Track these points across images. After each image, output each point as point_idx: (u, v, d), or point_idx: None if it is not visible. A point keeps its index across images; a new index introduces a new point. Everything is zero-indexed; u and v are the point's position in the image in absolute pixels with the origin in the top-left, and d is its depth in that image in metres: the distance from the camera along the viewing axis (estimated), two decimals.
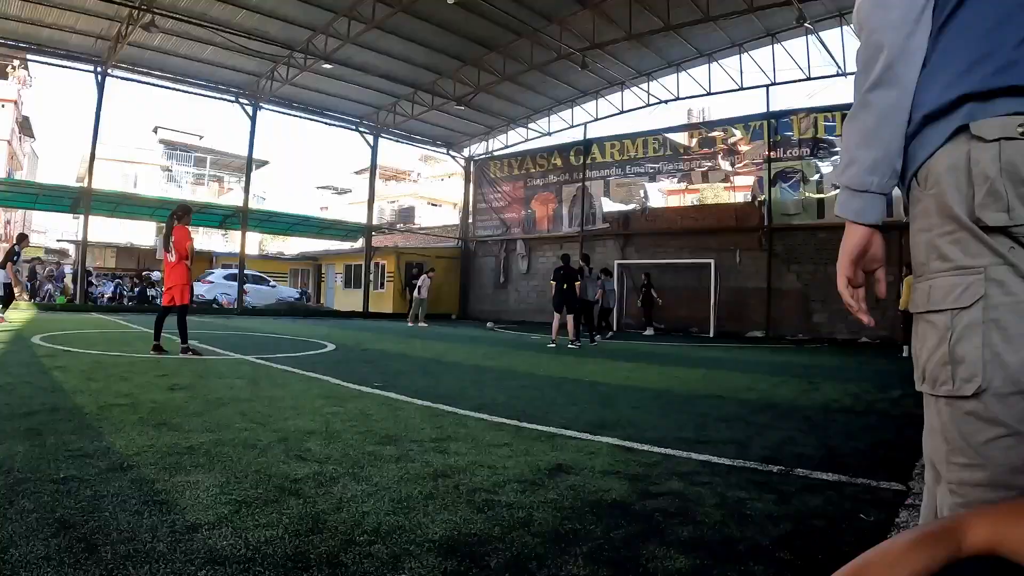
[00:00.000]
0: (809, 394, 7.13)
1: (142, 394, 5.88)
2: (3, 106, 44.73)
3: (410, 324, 23.72)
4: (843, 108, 22.58)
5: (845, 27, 21.56)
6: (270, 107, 29.79)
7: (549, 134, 33.34)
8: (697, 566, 2.41)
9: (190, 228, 10.38)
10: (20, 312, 21.27)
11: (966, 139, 1.21)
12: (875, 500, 3.38)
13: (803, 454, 4.43)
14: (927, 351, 1.26)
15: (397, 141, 35.78)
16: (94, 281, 30.90)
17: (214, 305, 31.18)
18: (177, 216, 10.15)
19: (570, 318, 15.96)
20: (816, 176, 23.36)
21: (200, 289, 32.21)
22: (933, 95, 1.28)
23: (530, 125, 33.62)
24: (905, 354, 14.34)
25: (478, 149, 36.86)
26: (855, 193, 1.40)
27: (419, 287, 24.59)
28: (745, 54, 24.83)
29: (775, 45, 23.89)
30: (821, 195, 22.90)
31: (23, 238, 16.67)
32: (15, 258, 16.15)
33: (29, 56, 28.56)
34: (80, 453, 3.68)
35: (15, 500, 2.82)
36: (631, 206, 29.10)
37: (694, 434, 5.01)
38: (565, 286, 15.95)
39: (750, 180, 26.07)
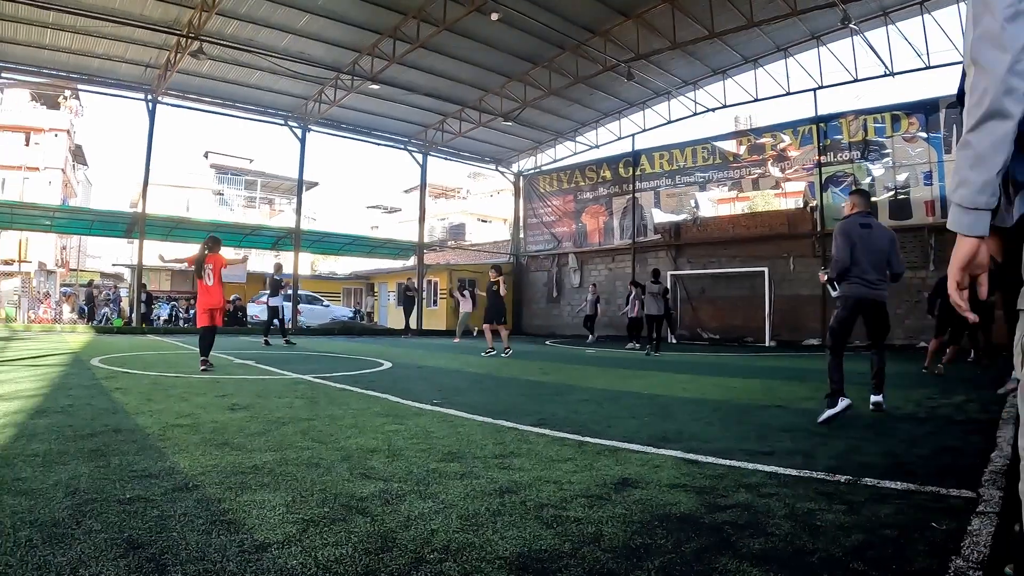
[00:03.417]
0: (869, 400, 7.02)
1: (203, 414, 5.96)
2: (56, 136, 46.14)
3: (456, 341, 23.62)
4: (892, 109, 22.27)
5: (890, 26, 21.26)
6: (319, 129, 30.29)
7: (597, 147, 33.32)
8: None
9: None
10: (78, 335, 21.78)
11: None
12: (946, 508, 3.32)
13: (869, 463, 4.37)
14: None
15: (446, 159, 36.07)
16: (151, 304, 31.45)
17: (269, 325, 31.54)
18: (208, 247, 10.98)
19: (500, 327, 16.58)
20: (868, 179, 22.95)
21: (254, 310, 32.70)
22: None
23: (578, 138, 33.65)
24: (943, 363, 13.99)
25: (527, 164, 36.98)
26: (966, 210, 1.60)
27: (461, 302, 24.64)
28: (791, 58, 24.62)
29: (820, 48, 23.65)
30: (874, 199, 22.51)
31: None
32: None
33: (80, 86, 29.56)
34: (145, 473, 3.74)
35: (82, 520, 2.86)
36: (682, 216, 28.92)
37: (758, 445, 4.97)
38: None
39: (801, 186, 25.73)
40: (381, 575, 2.40)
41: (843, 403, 6.11)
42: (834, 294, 7.03)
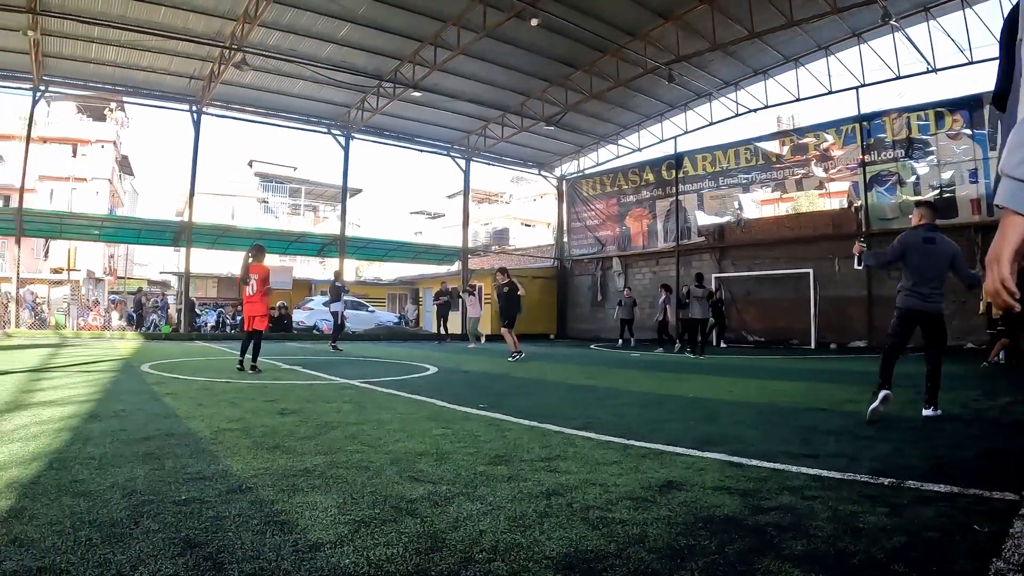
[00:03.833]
0: (915, 404, 6.97)
1: (253, 419, 6.09)
2: (103, 147, 47.13)
3: (472, 346, 23.34)
4: (935, 106, 21.88)
5: (932, 22, 20.92)
6: (362, 136, 30.68)
7: (639, 150, 33.24)
8: None
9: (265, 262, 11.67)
10: (127, 342, 22.17)
11: None
12: (988, 511, 3.32)
13: (913, 465, 4.37)
14: None
15: (488, 164, 36.30)
16: (198, 311, 31.94)
17: (314, 331, 31.83)
18: (252, 255, 11.34)
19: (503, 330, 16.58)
20: (913, 178, 22.62)
21: (300, 316, 33.03)
22: None
23: (620, 142, 33.63)
24: (997, 359, 13.77)
25: (569, 168, 36.93)
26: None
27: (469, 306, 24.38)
28: (832, 56, 24.37)
29: (861, 45, 23.37)
30: (919, 197, 22.20)
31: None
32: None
33: (126, 99, 30.22)
34: (199, 476, 3.84)
35: (140, 521, 2.96)
36: (725, 218, 28.72)
37: (801, 448, 4.97)
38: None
39: (845, 186, 25.40)
40: (431, 574, 2.46)
41: (881, 394, 6.15)
42: (857, 266, 7.14)
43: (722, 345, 24.77)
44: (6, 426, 5.37)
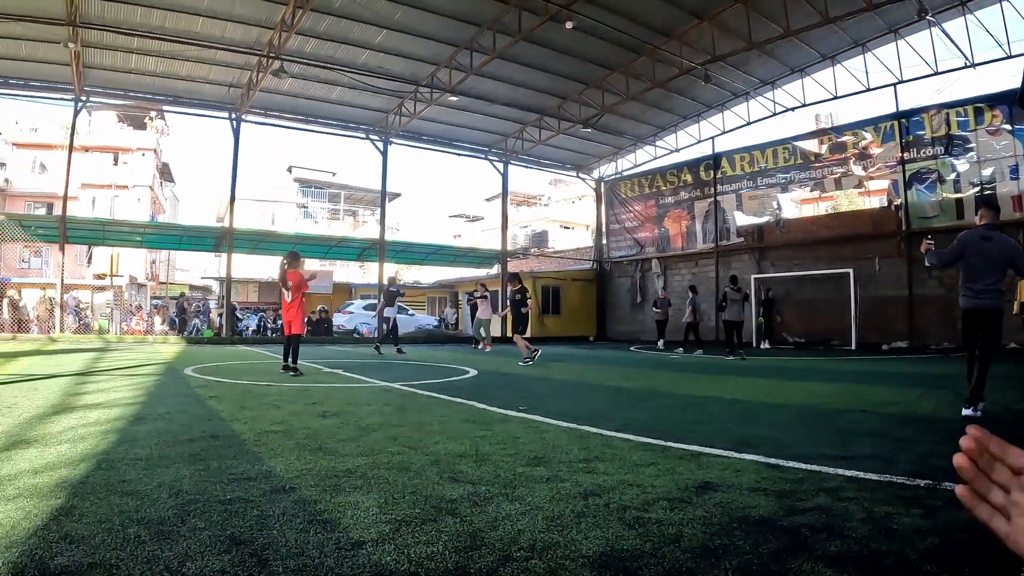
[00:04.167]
0: (955, 406, 6.93)
1: (295, 421, 6.18)
2: (144, 155, 47.98)
3: (487, 349, 22.80)
4: (974, 101, 21.52)
5: (969, 16, 20.55)
6: (400, 141, 30.81)
7: (677, 150, 33.09)
8: None
9: (301, 266, 12.09)
10: (170, 346, 22.51)
11: None
12: None
13: (950, 468, 4.25)
14: None
15: (526, 167, 36.31)
16: (239, 315, 32.30)
17: (355, 335, 32.11)
18: (288, 262, 11.64)
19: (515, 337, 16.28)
20: (953, 175, 22.25)
21: (340, 320, 33.33)
22: None
23: (657, 143, 33.47)
24: None
25: (607, 170, 36.85)
26: None
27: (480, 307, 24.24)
28: (869, 53, 24.03)
29: (898, 41, 22.98)
30: (959, 195, 21.83)
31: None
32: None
33: (166, 108, 30.70)
34: (243, 476, 3.93)
35: (187, 519, 3.05)
36: (764, 218, 28.54)
37: (838, 450, 4.97)
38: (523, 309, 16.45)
39: (884, 184, 25.05)
40: (470, 571, 2.52)
41: (967, 411, 6.54)
42: (927, 263, 7.38)
43: (764, 346, 24.62)
44: (54, 428, 5.51)
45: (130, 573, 2.42)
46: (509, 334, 19.02)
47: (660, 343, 24.72)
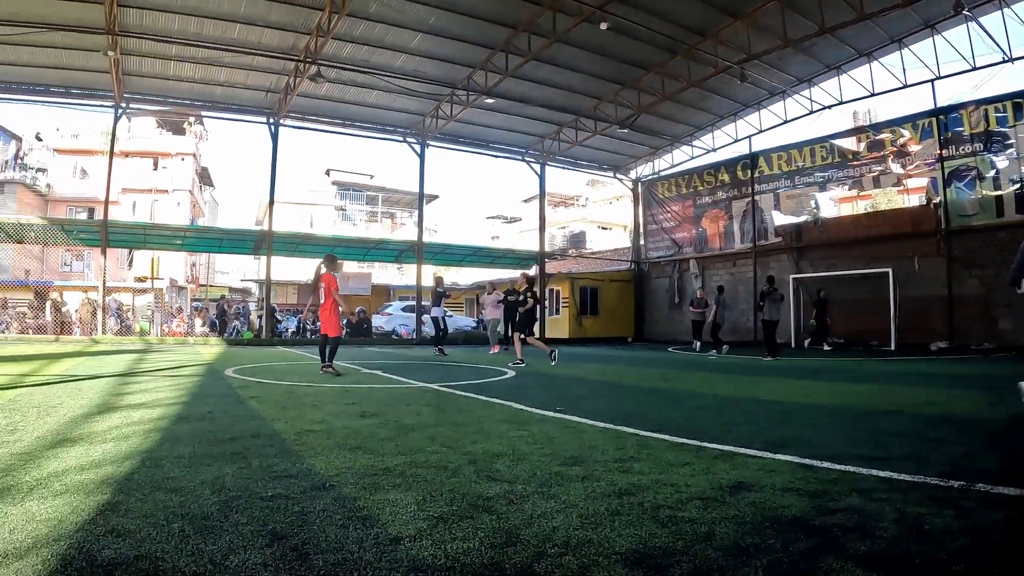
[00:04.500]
0: (992, 407, 6.87)
1: (335, 421, 6.27)
2: (183, 159, 48.85)
3: (494, 351, 22.09)
4: (1013, 96, 21.14)
5: (1006, 10, 20.21)
6: (437, 144, 30.94)
7: (714, 150, 32.94)
8: None
9: (336, 269, 12.30)
10: (210, 347, 22.80)
11: None
12: None
13: (984, 469, 4.33)
14: None
15: (563, 168, 36.34)
16: (278, 317, 32.61)
17: (393, 336, 32.29)
18: (324, 264, 11.87)
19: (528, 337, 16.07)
20: (992, 172, 21.90)
21: (379, 321, 33.54)
22: None
23: (694, 142, 33.38)
24: None
25: (644, 170, 36.78)
26: None
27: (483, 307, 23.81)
28: (905, 49, 23.78)
29: (935, 36, 22.66)
30: (999, 192, 21.47)
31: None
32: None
33: (204, 113, 31.23)
34: (284, 474, 4.02)
35: (229, 515, 3.15)
36: (802, 218, 28.31)
37: (872, 451, 4.97)
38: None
39: (923, 182, 24.75)
40: (505, 566, 2.58)
41: None
42: (1019, 291, 7.07)
43: (804, 345, 24.49)
44: (99, 427, 5.66)
45: (175, 565, 2.52)
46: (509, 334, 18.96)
47: (696, 344, 24.55)
